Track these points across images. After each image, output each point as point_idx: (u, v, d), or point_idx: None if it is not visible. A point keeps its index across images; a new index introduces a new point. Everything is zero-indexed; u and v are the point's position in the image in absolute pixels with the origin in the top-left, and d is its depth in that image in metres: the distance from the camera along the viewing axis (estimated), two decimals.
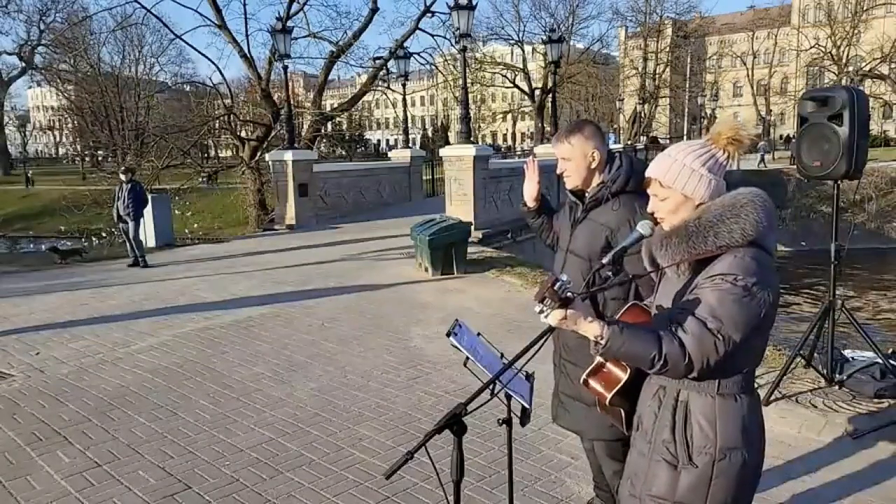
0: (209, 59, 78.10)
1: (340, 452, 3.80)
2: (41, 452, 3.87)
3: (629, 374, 1.85)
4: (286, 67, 15.58)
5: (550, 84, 28.44)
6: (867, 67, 42.80)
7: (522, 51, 46.28)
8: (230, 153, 29.79)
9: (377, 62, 23.17)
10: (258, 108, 21.70)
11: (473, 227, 10.59)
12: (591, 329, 1.66)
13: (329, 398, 4.63)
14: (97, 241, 21.76)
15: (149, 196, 11.95)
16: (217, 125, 24.06)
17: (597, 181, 2.53)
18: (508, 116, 57.57)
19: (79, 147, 53.03)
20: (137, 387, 4.92)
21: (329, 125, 31.18)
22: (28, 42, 48.20)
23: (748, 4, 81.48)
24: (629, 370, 1.84)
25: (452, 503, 1.91)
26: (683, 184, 1.78)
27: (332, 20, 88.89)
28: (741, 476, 1.74)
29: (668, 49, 53.25)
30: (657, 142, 39.18)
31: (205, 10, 35.62)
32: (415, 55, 21.93)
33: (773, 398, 4.12)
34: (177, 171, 23.54)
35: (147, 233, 12.70)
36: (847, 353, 4.60)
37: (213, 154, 41.38)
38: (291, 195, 14.58)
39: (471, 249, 9.74)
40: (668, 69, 54.60)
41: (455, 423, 1.77)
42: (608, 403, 1.91)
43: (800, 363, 4.51)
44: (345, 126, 45.65)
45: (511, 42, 47.02)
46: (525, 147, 59.06)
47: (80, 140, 50.00)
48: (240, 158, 22.06)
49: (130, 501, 3.32)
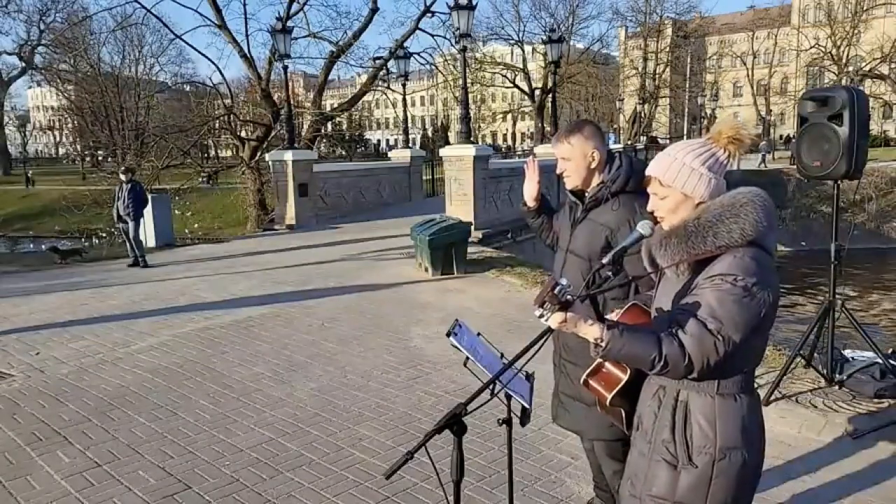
0: (209, 59, 78.29)
1: (340, 452, 3.80)
2: (41, 452, 3.87)
3: (629, 375, 1.84)
4: (286, 67, 15.58)
5: (550, 84, 28.44)
6: (867, 67, 42.80)
7: (522, 51, 46.27)
8: (230, 153, 29.77)
9: (377, 62, 23.17)
10: (258, 108, 21.69)
11: (473, 227, 10.59)
12: (591, 331, 1.67)
13: (329, 398, 4.63)
14: (97, 241, 21.77)
15: (149, 196, 11.95)
16: (217, 125, 24.06)
17: (596, 181, 2.54)
18: (508, 116, 57.58)
19: (79, 147, 52.98)
20: (137, 387, 4.93)
21: (329, 125, 31.19)
22: (28, 42, 48.28)
23: (748, 4, 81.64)
24: (629, 370, 1.84)
25: (452, 503, 1.91)
26: (683, 182, 1.78)
27: (332, 20, 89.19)
28: (741, 476, 1.74)
29: (668, 49, 53.25)
30: (656, 142, 39.17)
31: (205, 10, 35.70)
32: (415, 55, 21.95)
33: (773, 398, 4.13)
34: (177, 171, 23.55)
35: (147, 233, 12.71)
36: (847, 353, 4.60)
37: (213, 154, 41.35)
38: (291, 195, 14.58)
39: (471, 249, 9.74)
40: (668, 69, 54.60)
41: (455, 423, 1.77)
42: (608, 404, 1.91)
43: (800, 363, 4.51)
44: (345, 126, 45.65)
45: (511, 42, 47.02)
46: (525, 147, 59.05)
47: (80, 140, 49.96)
48: (240, 158, 22.06)
49: (130, 501, 3.32)
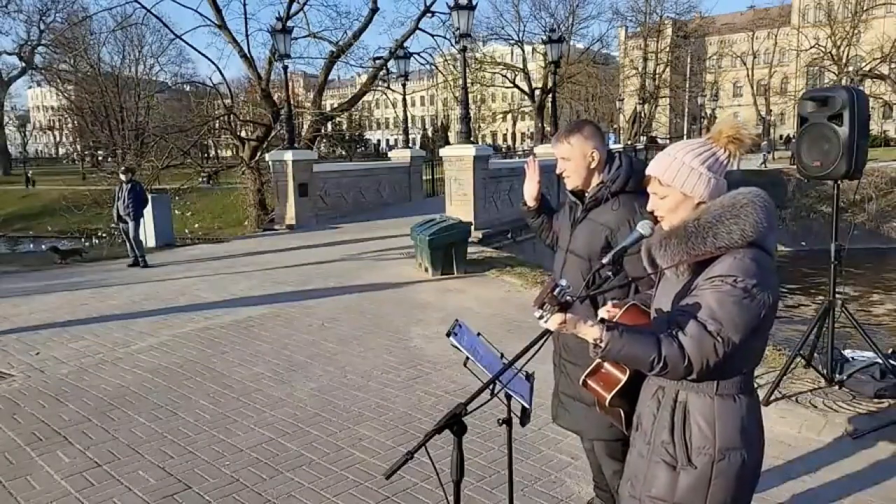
0: (209, 59, 78.36)
1: (340, 452, 3.80)
2: (41, 452, 3.87)
3: (628, 375, 1.84)
4: (286, 67, 15.58)
5: (550, 84, 28.44)
6: (867, 67, 42.79)
7: (522, 51, 46.27)
8: (230, 153, 29.79)
9: (377, 62, 23.17)
10: (258, 108, 21.70)
11: (473, 227, 10.59)
12: (591, 332, 1.66)
13: (329, 398, 4.63)
14: (97, 241, 21.76)
15: (149, 196, 11.95)
16: (217, 125, 24.06)
17: (596, 181, 2.54)
18: (508, 116, 57.58)
19: (79, 147, 53.01)
20: (137, 387, 4.92)
21: (329, 125, 31.17)
22: (28, 42, 48.28)
23: (748, 4, 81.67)
24: (628, 371, 1.83)
25: (452, 503, 1.91)
26: (683, 182, 1.78)
27: (332, 20, 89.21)
28: (740, 476, 1.74)
29: (668, 49, 53.24)
30: (655, 142, 39.17)
31: (205, 10, 35.71)
32: (415, 55, 21.95)
33: (773, 398, 4.13)
34: (177, 171, 23.55)
35: (147, 233, 12.71)
36: (847, 353, 4.60)
37: (213, 154, 41.36)
38: (291, 195, 14.58)
39: (471, 249, 9.74)
40: (668, 69, 54.60)
41: (455, 423, 1.77)
42: (607, 404, 1.90)
43: (800, 363, 4.51)
44: (345, 126, 45.64)
45: (511, 42, 47.03)
46: (525, 147, 59.05)
47: (80, 140, 49.98)
48: (240, 158, 22.06)
49: (130, 501, 3.32)
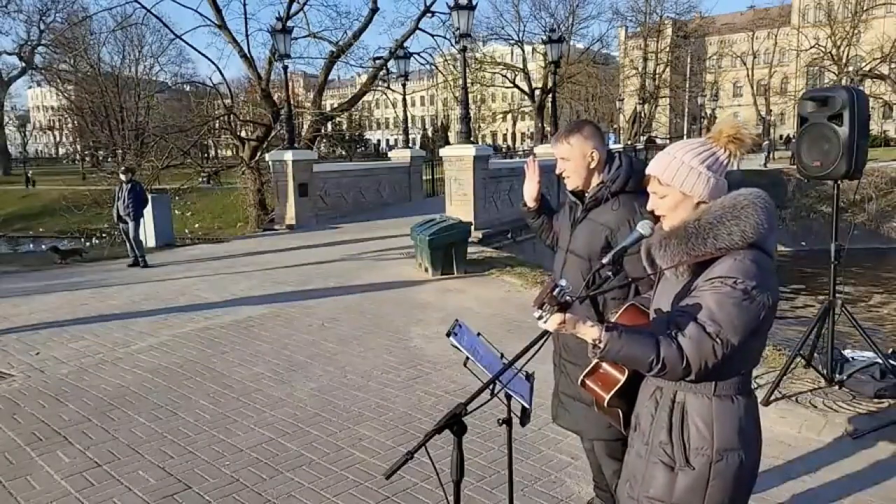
0: (209, 59, 78.25)
1: (340, 452, 3.80)
2: (41, 452, 3.87)
3: (627, 376, 1.84)
4: (286, 67, 15.58)
5: (550, 84, 28.44)
6: (867, 67, 42.78)
7: (522, 51, 46.26)
8: (230, 153, 29.77)
9: (377, 62, 23.17)
10: (258, 108, 21.69)
11: (473, 227, 10.59)
12: (590, 333, 1.66)
13: (329, 398, 4.63)
14: (97, 241, 21.75)
15: (149, 196, 11.96)
16: (217, 125, 24.05)
17: (596, 181, 2.54)
18: (508, 116, 57.58)
19: (79, 147, 53.02)
20: (137, 387, 4.93)
21: (329, 125, 31.17)
22: (28, 42, 48.25)
23: (748, 4, 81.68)
24: (627, 371, 1.83)
25: (452, 503, 1.91)
26: (682, 181, 1.77)
27: (332, 20, 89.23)
28: (738, 477, 1.74)
29: (668, 49, 53.23)
30: (653, 142, 39.15)
31: (205, 10, 35.68)
32: (415, 55, 21.95)
33: (773, 398, 4.13)
34: (177, 171, 23.53)
35: (147, 233, 12.71)
36: (847, 353, 4.60)
37: (213, 154, 41.38)
38: (291, 195, 14.58)
39: (471, 249, 9.74)
40: (668, 69, 54.59)
41: (455, 423, 1.77)
42: (606, 405, 1.90)
43: (800, 363, 4.51)
44: (345, 126, 45.63)
45: (511, 42, 47.02)
46: (525, 147, 59.04)
47: (80, 140, 49.97)
48: (240, 158, 22.06)
49: (130, 501, 3.32)
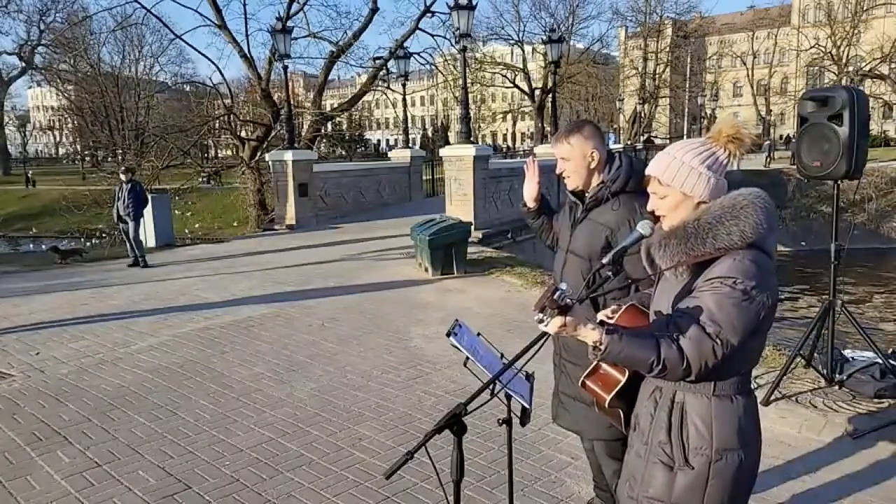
0: (209, 59, 78.25)
1: (340, 452, 3.80)
2: (41, 452, 3.87)
3: (627, 376, 1.84)
4: (286, 67, 15.58)
5: (550, 84, 28.43)
6: (867, 67, 42.75)
7: (522, 51, 46.24)
8: (230, 153, 29.77)
9: (377, 62, 23.16)
10: (258, 108, 21.69)
11: (473, 227, 10.59)
12: (591, 336, 1.65)
13: (329, 398, 4.63)
14: (97, 241, 21.75)
15: (149, 196, 11.95)
16: (217, 125, 24.05)
17: (596, 181, 2.53)
18: (508, 116, 57.57)
19: (79, 147, 52.97)
20: (137, 387, 4.93)
21: (329, 125, 31.15)
22: (28, 42, 48.24)
23: (748, 4, 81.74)
24: (627, 371, 1.83)
25: (452, 503, 1.91)
26: (682, 181, 1.77)
27: (332, 20, 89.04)
28: (737, 477, 1.74)
29: (668, 49, 53.22)
30: (651, 142, 39.16)
31: (205, 10, 35.72)
32: (415, 55, 21.93)
33: (773, 398, 4.13)
34: (177, 171, 23.53)
35: (147, 233, 12.71)
36: (847, 353, 4.60)
37: (213, 154, 41.38)
38: (291, 195, 14.58)
39: (471, 249, 9.74)
40: (668, 69, 54.58)
41: (455, 423, 1.77)
42: (607, 405, 1.90)
43: (800, 363, 4.52)
44: (345, 126, 45.59)
45: (511, 42, 46.99)
46: (525, 147, 59.04)
47: (80, 140, 49.94)
48: (240, 158, 22.05)
49: (130, 501, 3.32)
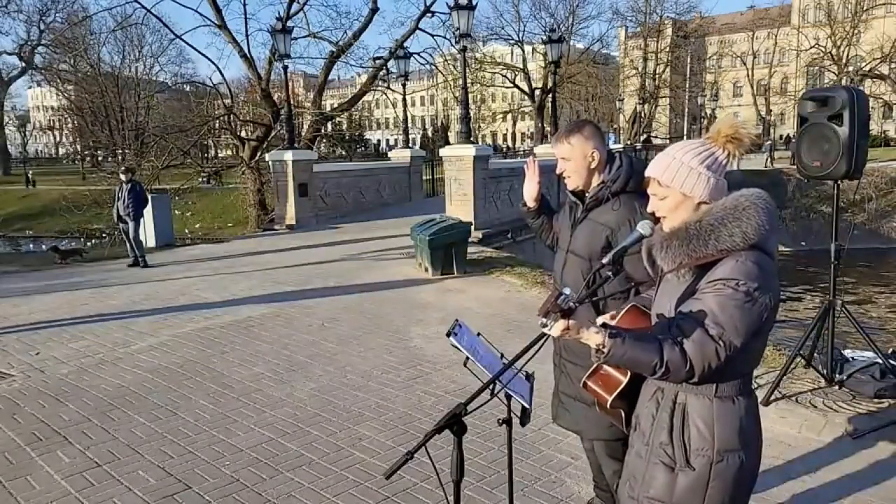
0: (209, 59, 78.36)
1: (340, 452, 3.80)
2: (41, 452, 3.87)
3: (629, 377, 1.84)
4: (286, 67, 15.57)
5: (550, 84, 28.42)
6: (867, 67, 42.78)
7: (522, 51, 46.25)
8: (230, 153, 29.77)
9: (377, 62, 23.16)
10: (258, 108, 21.69)
11: (473, 227, 10.59)
12: (594, 339, 1.64)
13: (329, 398, 4.63)
14: (97, 241, 21.75)
15: (149, 196, 11.95)
16: (217, 125, 24.05)
17: (597, 181, 2.53)
18: (508, 116, 57.58)
19: (79, 147, 52.95)
20: (137, 387, 4.92)
21: (329, 125, 31.16)
22: (28, 42, 48.25)
23: (748, 4, 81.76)
24: (628, 373, 1.83)
25: (452, 503, 1.91)
26: (682, 182, 1.77)
27: (332, 20, 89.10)
28: (738, 478, 1.74)
29: (668, 49, 53.23)
30: (650, 142, 39.16)
31: (205, 10, 35.73)
32: (415, 55, 21.93)
33: (773, 398, 4.13)
34: (177, 171, 23.54)
35: (147, 233, 12.71)
36: (847, 353, 4.60)
37: (213, 154, 41.38)
38: (291, 195, 14.58)
39: (471, 249, 9.74)
40: (668, 69, 54.57)
41: (455, 423, 1.77)
42: (609, 406, 1.90)
43: (800, 363, 4.52)
44: (345, 126, 45.61)
45: (511, 42, 47.01)
46: (525, 147, 59.04)
47: (80, 140, 49.92)
48: (240, 158, 22.06)
49: (130, 501, 3.32)
